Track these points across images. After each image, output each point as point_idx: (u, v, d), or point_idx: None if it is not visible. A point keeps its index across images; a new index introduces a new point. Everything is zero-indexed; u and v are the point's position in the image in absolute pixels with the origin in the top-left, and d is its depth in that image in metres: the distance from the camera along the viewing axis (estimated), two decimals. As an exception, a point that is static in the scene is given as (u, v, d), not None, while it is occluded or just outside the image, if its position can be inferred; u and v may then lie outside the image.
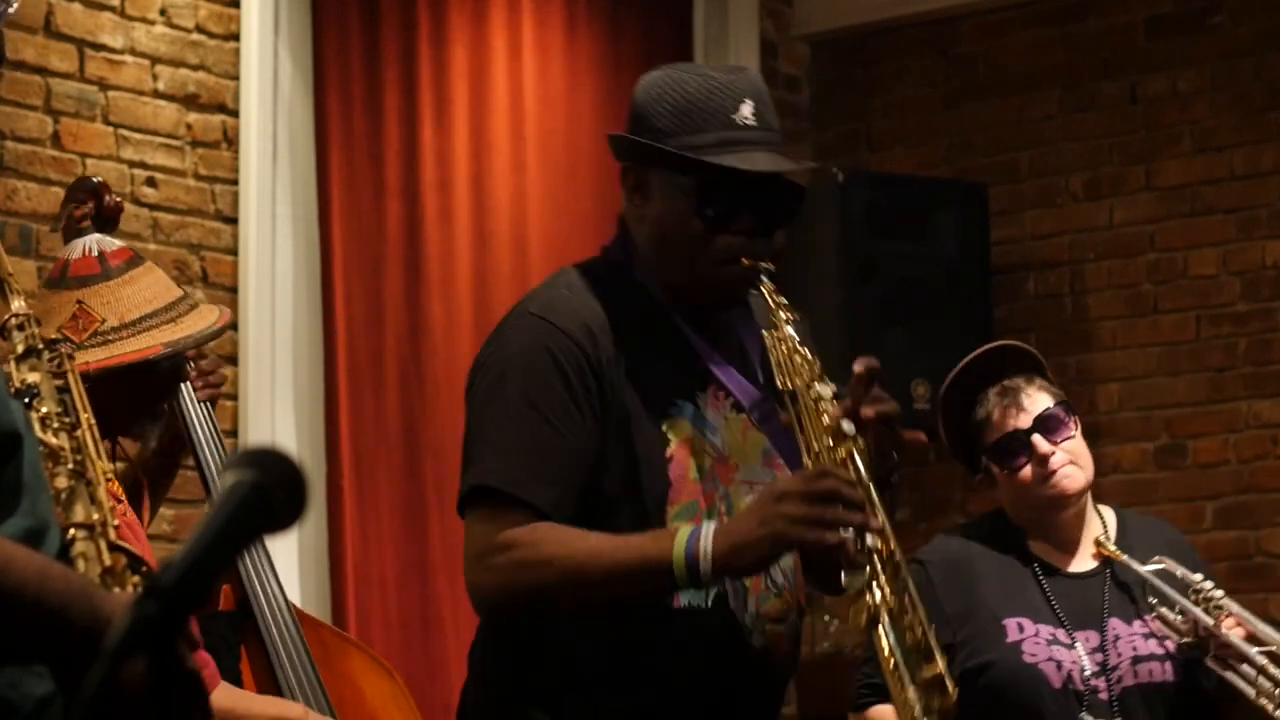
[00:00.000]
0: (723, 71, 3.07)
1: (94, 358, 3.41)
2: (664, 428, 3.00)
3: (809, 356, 3.01)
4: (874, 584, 2.79)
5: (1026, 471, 3.96)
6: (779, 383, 2.99)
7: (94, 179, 3.98)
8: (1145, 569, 3.96)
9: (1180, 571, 3.95)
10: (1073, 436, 3.98)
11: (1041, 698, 3.90)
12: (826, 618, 7.25)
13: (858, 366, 2.96)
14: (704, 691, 3.00)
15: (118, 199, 3.90)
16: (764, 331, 3.06)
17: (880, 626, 2.79)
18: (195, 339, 3.53)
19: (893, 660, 2.79)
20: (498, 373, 2.99)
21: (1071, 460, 3.97)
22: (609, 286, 3.06)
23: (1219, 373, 6.69)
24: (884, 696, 3.95)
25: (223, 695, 3.46)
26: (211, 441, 3.85)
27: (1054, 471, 3.95)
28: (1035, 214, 7.03)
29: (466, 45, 6.11)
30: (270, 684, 3.74)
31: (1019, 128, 7.07)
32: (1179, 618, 3.91)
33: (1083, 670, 3.91)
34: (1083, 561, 4.04)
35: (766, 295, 3.03)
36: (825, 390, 2.96)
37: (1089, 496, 4.05)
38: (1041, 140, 7.03)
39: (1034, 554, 4.03)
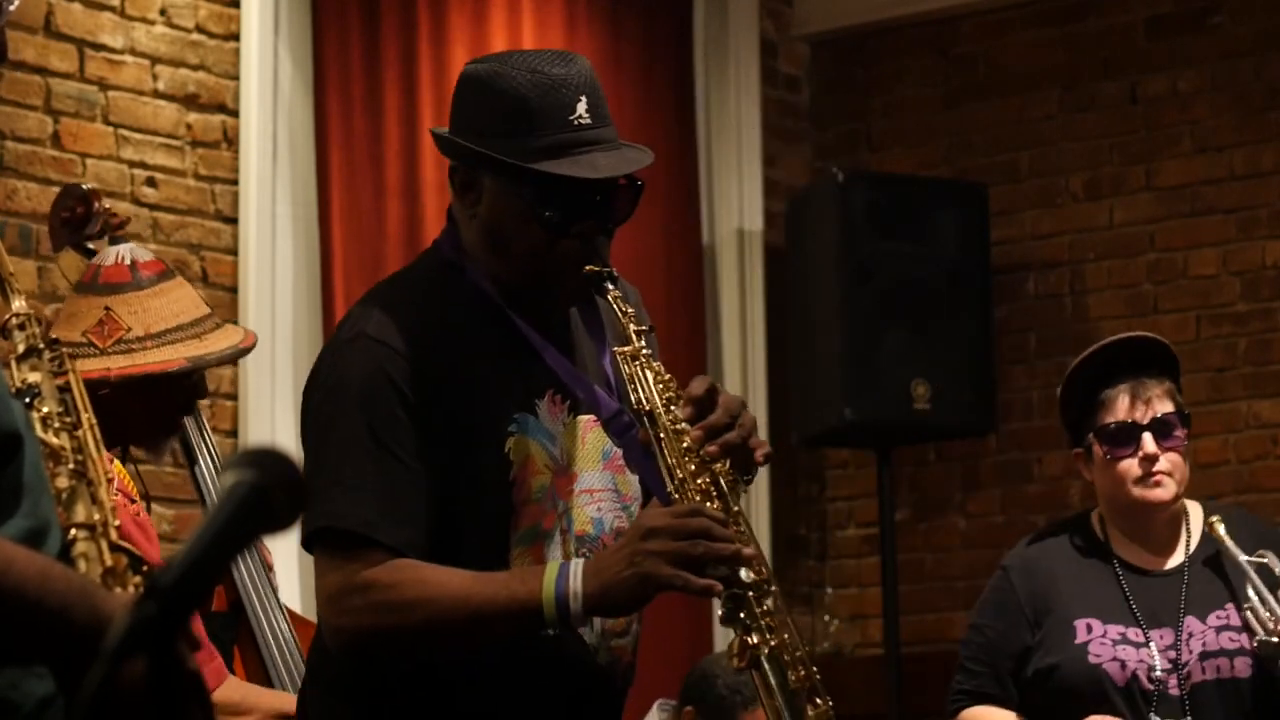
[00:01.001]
0: (551, 63, 2.93)
1: (116, 364, 3.41)
2: (506, 449, 2.89)
3: (663, 373, 2.91)
4: (750, 623, 2.75)
5: (1128, 464, 4.01)
6: (633, 400, 2.90)
7: (83, 185, 3.98)
8: (1245, 558, 3.99)
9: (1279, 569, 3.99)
10: (1180, 448, 4.04)
11: (1106, 697, 3.93)
12: (827, 618, 7.26)
13: (695, 388, 2.85)
14: (548, 709, 2.94)
15: (107, 206, 3.90)
16: (613, 349, 2.96)
17: (759, 668, 2.75)
18: (218, 357, 3.53)
19: (776, 702, 2.74)
20: (338, 400, 2.86)
21: (1169, 471, 4.02)
22: (442, 289, 2.95)
23: (1219, 373, 6.69)
24: (977, 700, 4.03)
25: (231, 689, 3.48)
26: (206, 448, 3.84)
27: (1151, 475, 4.00)
28: (1035, 214, 7.03)
29: (466, 45, 6.10)
30: (263, 684, 3.74)
31: (1019, 128, 7.07)
32: (1269, 615, 3.93)
33: (1151, 669, 3.93)
34: (1165, 560, 4.08)
35: (614, 305, 2.94)
36: (684, 411, 2.85)
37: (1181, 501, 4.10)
38: (1041, 140, 7.03)
39: (1116, 553, 4.07)
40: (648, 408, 2.88)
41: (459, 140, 2.93)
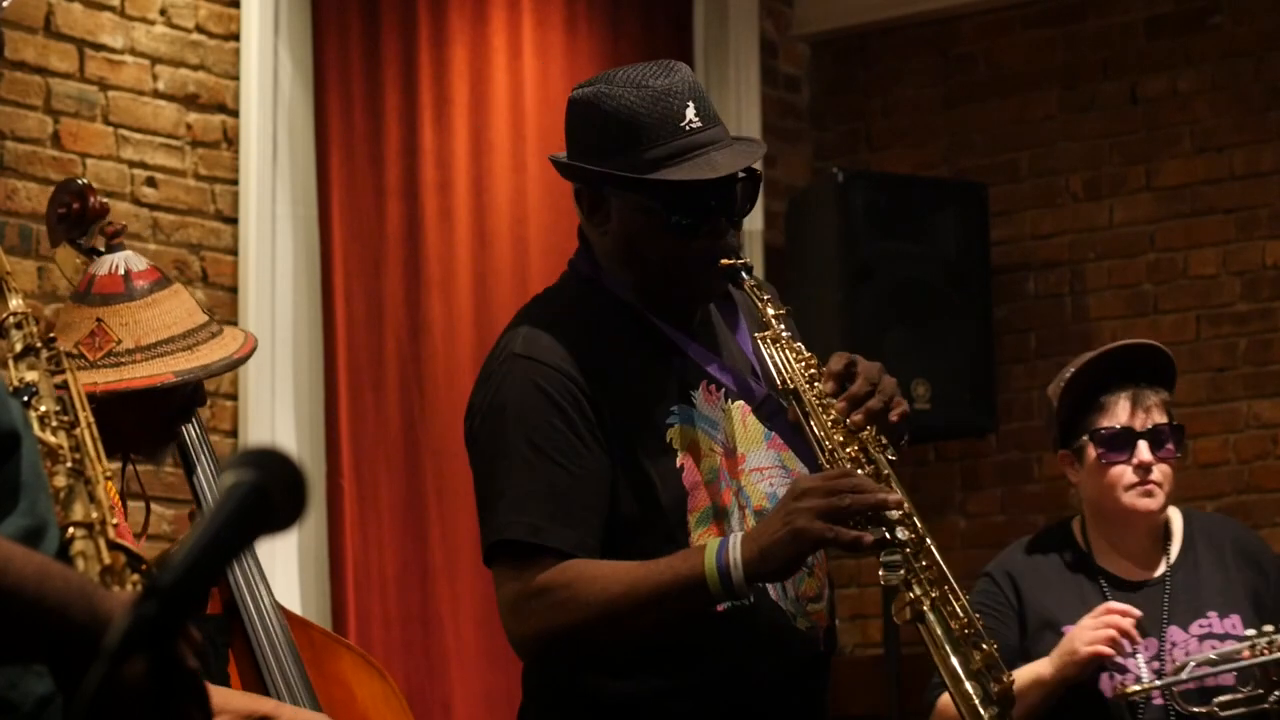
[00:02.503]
0: (655, 76, 3.06)
1: (103, 379, 3.37)
2: (668, 439, 3.02)
3: (804, 352, 3.06)
4: (910, 579, 2.85)
5: (1121, 470, 3.99)
6: (778, 382, 3.03)
7: (79, 180, 3.96)
8: (1196, 670, 3.95)
9: (1227, 646, 3.96)
10: (1171, 460, 4.02)
11: (1095, 706, 3.93)
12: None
13: (835, 364, 3.02)
14: (761, 683, 3.03)
15: (103, 201, 3.88)
16: (754, 334, 3.10)
17: (925, 621, 2.85)
18: (209, 370, 3.48)
19: (944, 652, 2.84)
20: (496, 420, 3.01)
21: (1160, 482, 4.01)
22: (583, 304, 3.09)
23: (1219, 373, 6.69)
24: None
25: None
26: (205, 455, 3.83)
27: (1144, 484, 3.98)
28: (1035, 214, 7.03)
29: (466, 45, 6.10)
30: (258, 686, 3.73)
31: (1019, 128, 7.07)
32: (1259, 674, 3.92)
33: (1139, 679, 3.93)
34: (1147, 571, 4.07)
35: (751, 295, 3.08)
36: (826, 386, 3.00)
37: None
38: (1041, 140, 7.03)
39: (1099, 564, 4.06)
40: (792, 386, 3.02)
41: (579, 164, 3.05)
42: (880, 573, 2.87)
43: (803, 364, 3.05)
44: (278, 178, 5.71)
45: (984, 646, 2.86)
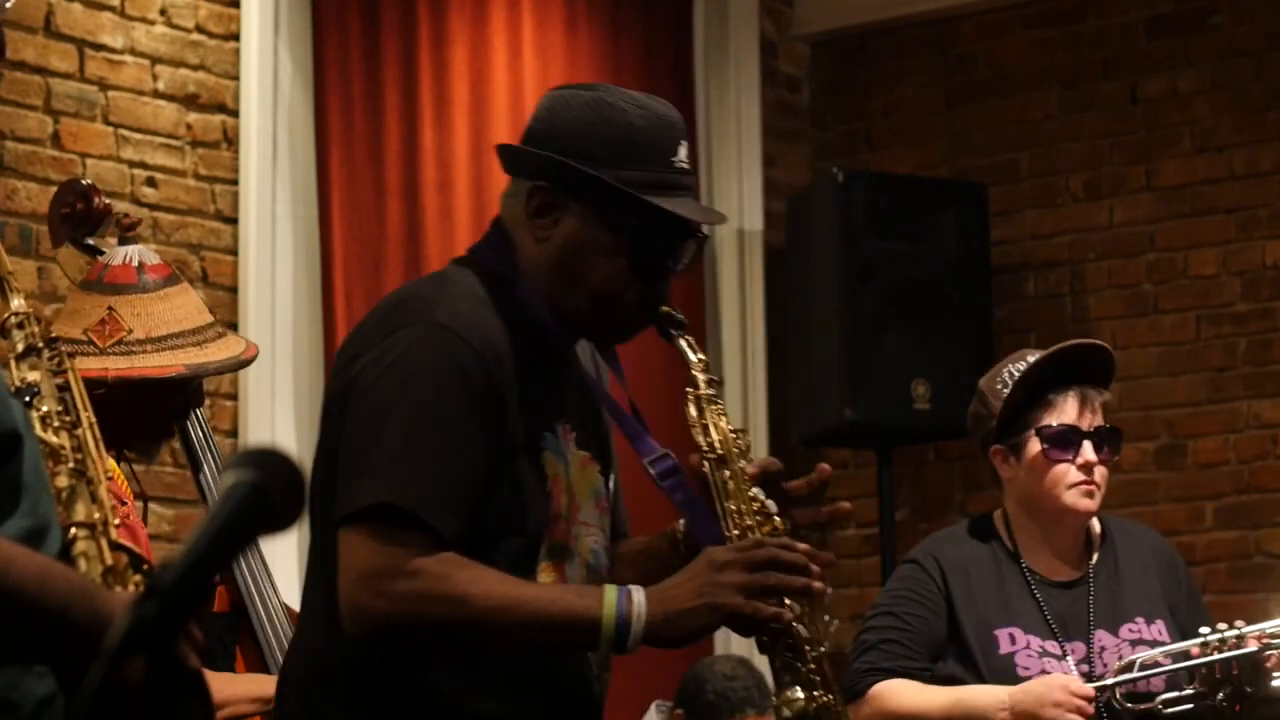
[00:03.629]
0: (654, 102, 2.92)
1: (115, 365, 3.39)
2: (542, 461, 2.86)
3: (738, 428, 2.94)
4: (800, 680, 2.82)
5: (1064, 469, 3.97)
6: (701, 442, 2.90)
7: (83, 180, 3.97)
8: (1132, 671, 3.94)
9: (1173, 646, 3.95)
10: (1109, 463, 4.01)
11: None
12: (827, 618, 7.24)
13: (772, 464, 2.94)
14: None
15: (107, 202, 3.88)
16: (687, 388, 2.95)
17: None
18: (218, 366, 3.51)
19: None
20: (404, 382, 2.77)
21: (1099, 484, 3.99)
22: (499, 301, 2.88)
23: (1219, 373, 6.69)
24: (885, 675, 3.98)
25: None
26: (211, 454, 3.84)
27: (1086, 483, 3.96)
28: (1035, 214, 7.03)
29: (466, 45, 6.11)
30: (265, 684, 3.74)
31: (1019, 128, 7.07)
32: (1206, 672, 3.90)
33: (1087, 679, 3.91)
34: (1069, 571, 4.04)
35: (688, 350, 2.94)
36: (750, 467, 2.89)
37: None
38: (1041, 140, 7.03)
39: (1024, 562, 4.03)
40: (720, 452, 2.89)
41: (567, 161, 2.86)
42: (774, 673, 2.83)
43: (735, 435, 2.91)
44: (278, 178, 5.71)
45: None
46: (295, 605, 4.10)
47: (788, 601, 2.80)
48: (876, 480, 6.68)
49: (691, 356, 2.94)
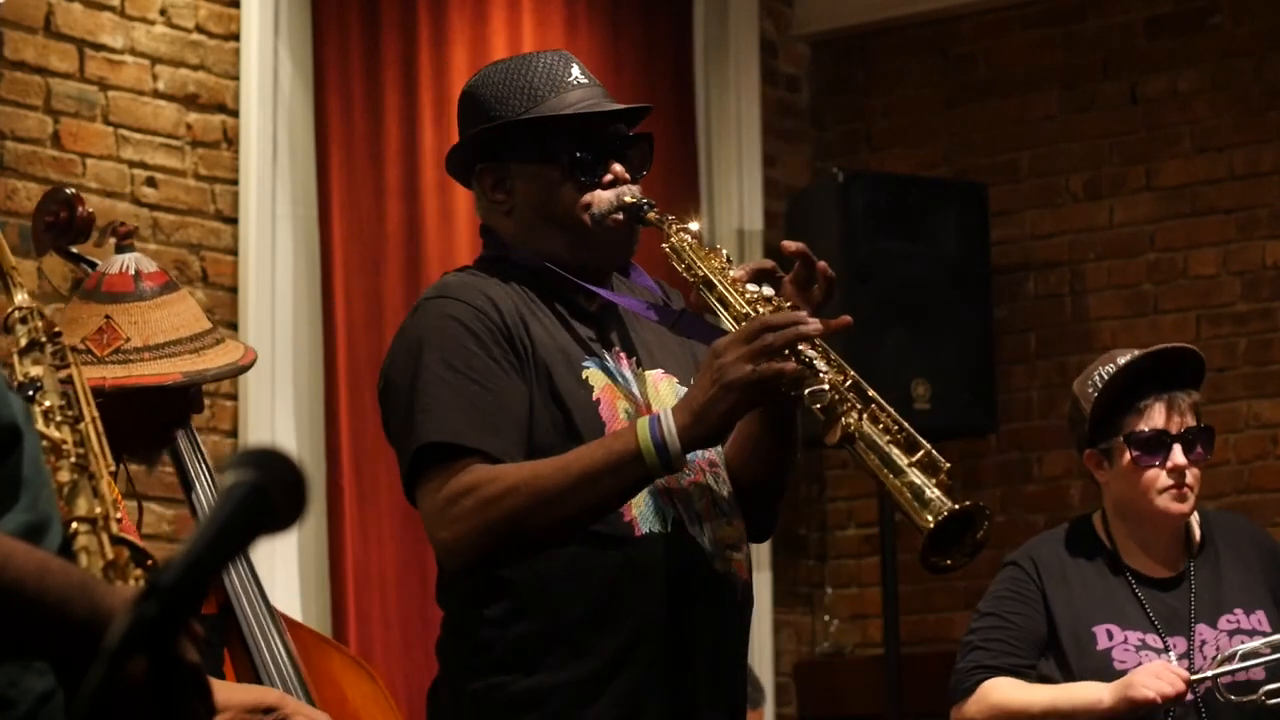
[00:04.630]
0: (530, 54, 3.18)
1: (111, 374, 3.39)
2: (584, 376, 3.02)
3: (716, 248, 3.07)
4: (835, 398, 2.86)
5: (1155, 474, 4.00)
6: (688, 276, 3.04)
7: (67, 189, 3.97)
8: (1233, 662, 3.96)
9: (1256, 642, 3.97)
10: (1201, 463, 4.03)
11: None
12: (826, 618, 7.26)
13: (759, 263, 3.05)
14: (675, 621, 2.98)
15: (90, 210, 3.88)
16: (663, 245, 3.10)
17: (861, 434, 2.87)
18: (215, 373, 3.51)
19: (882, 450, 2.88)
20: (412, 352, 3.00)
21: (1193, 485, 4.02)
22: (497, 274, 3.09)
23: (1219, 373, 6.69)
24: (991, 672, 4.01)
25: None
26: (203, 473, 3.83)
27: (1178, 487, 3.99)
28: (1035, 214, 7.04)
29: (466, 45, 6.10)
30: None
31: (1019, 128, 7.07)
32: None
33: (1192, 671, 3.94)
34: (1170, 569, 4.08)
35: (655, 216, 3.08)
36: (739, 272, 3.01)
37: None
38: (1041, 140, 7.04)
39: (1125, 562, 4.07)
40: (702, 274, 3.01)
41: (480, 128, 3.12)
42: (807, 404, 2.87)
43: (715, 257, 3.04)
44: (278, 178, 5.71)
45: (919, 448, 2.91)
46: (289, 606, 4.11)
47: (801, 347, 2.87)
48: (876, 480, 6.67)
49: (664, 221, 3.08)
